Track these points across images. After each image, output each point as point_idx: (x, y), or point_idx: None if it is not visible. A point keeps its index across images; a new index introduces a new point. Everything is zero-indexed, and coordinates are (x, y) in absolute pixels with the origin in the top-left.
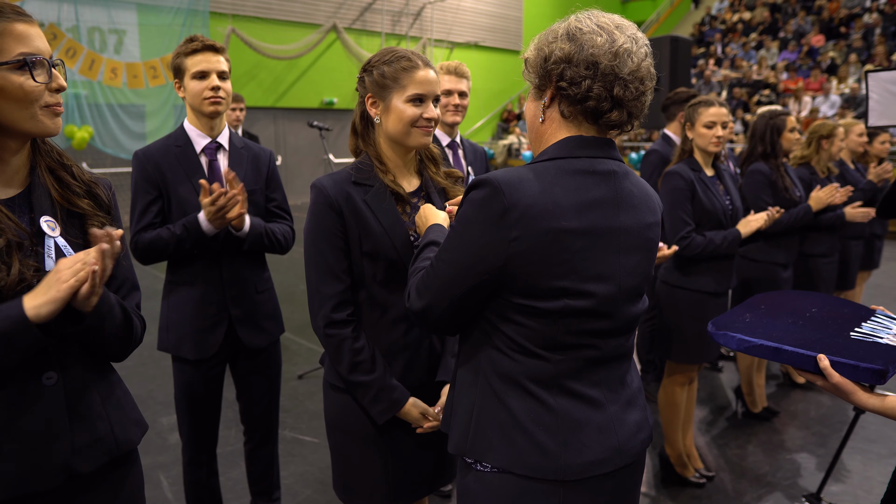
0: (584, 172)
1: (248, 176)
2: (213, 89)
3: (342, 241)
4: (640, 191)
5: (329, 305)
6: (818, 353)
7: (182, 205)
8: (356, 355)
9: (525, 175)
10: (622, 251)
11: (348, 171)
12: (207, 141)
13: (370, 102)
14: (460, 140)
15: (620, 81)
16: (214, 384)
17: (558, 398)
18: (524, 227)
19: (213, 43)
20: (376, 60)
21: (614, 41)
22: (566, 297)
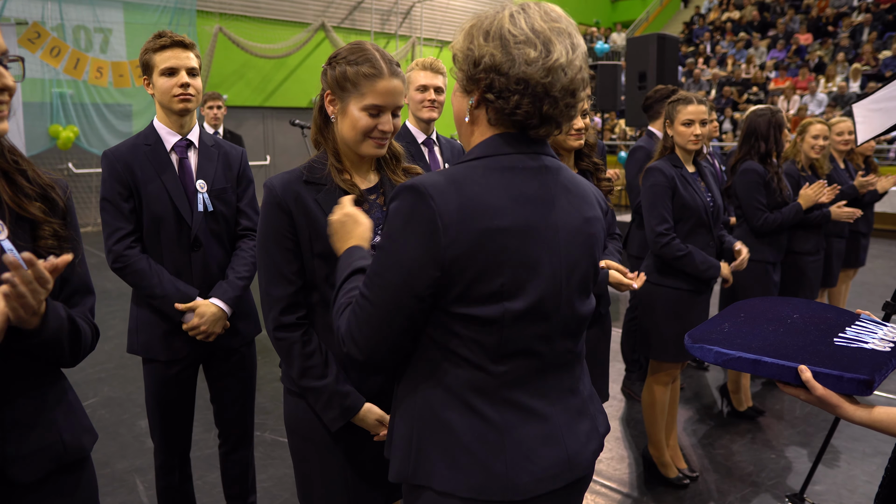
0: (513, 169)
1: (219, 174)
2: (182, 86)
3: (292, 242)
4: (575, 186)
5: (278, 308)
6: (799, 364)
7: (151, 203)
8: (306, 360)
9: (451, 176)
10: (561, 247)
11: (300, 170)
12: (177, 139)
13: (329, 99)
14: (437, 137)
15: (551, 99)
16: (186, 386)
17: (503, 412)
18: (456, 231)
19: (182, 39)
20: (342, 56)
21: (549, 54)
22: (504, 299)
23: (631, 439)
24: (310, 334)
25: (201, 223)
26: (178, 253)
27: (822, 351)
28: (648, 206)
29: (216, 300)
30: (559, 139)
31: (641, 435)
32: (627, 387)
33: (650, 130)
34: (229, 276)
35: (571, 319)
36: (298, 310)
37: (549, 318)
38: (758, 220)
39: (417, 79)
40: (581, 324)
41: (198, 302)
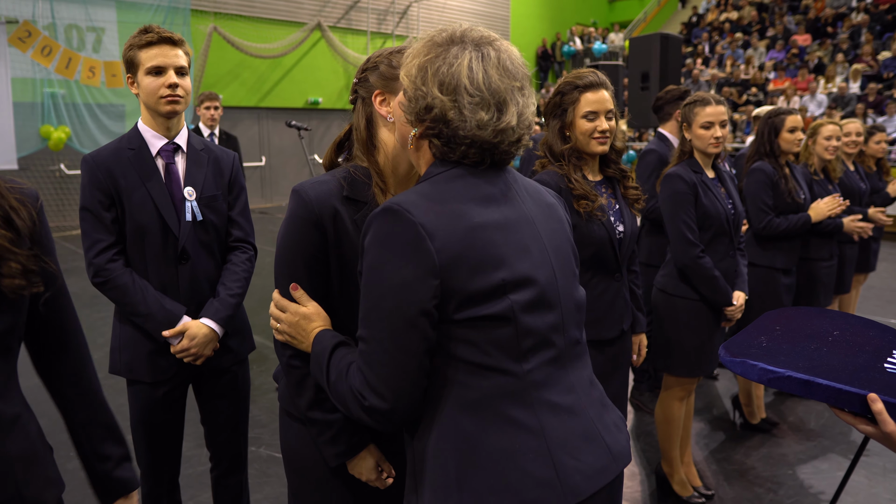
0: (472, 174)
1: (209, 180)
2: (170, 87)
3: (323, 264)
4: (525, 180)
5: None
6: (868, 391)
7: (134, 213)
8: (320, 391)
9: (418, 191)
10: (542, 235)
11: (339, 181)
12: (164, 142)
13: (379, 100)
14: None
15: (498, 148)
16: (174, 409)
17: (539, 414)
18: (442, 236)
19: (170, 35)
20: (378, 55)
21: (500, 118)
22: (508, 292)
23: (642, 454)
24: None
25: (189, 234)
26: (163, 266)
27: (878, 378)
28: (671, 215)
29: (207, 321)
30: (582, 143)
31: (652, 449)
32: (636, 398)
33: (661, 133)
34: (220, 293)
35: (572, 305)
36: None
37: (554, 306)
38: (760, 222)
39: None
40: (581, 310)
41: (187, 323)
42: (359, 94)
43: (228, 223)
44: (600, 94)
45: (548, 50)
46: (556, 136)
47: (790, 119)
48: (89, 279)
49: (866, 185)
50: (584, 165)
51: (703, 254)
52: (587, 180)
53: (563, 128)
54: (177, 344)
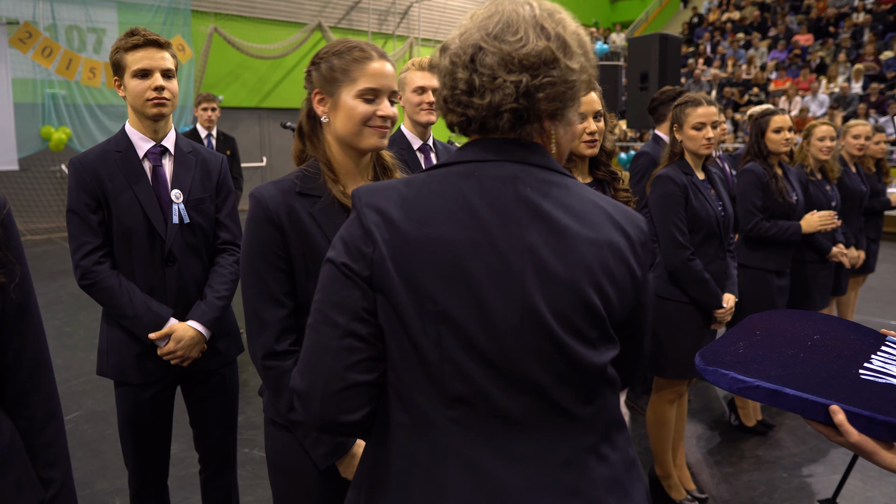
0: (469, 177)
1: (196, 183)
2: (156, 89)
3: (283, 260)
4: (570, 200)
5: (269, 334)
6: (829, 402)
7: (121, 215)
8: None
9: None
10: (522, 270)
11: (292, 180)
12: (151, 145)
13: (317, 99)
14: (433, 143)
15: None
16: (162, 411)
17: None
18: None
19: (156, 37)
20: (325, 52)
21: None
22: (439, 322)
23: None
24: None
25: (176, 236)
26: (150, 268)
27: (849, 385)
28: (661, 217)
29: (194, 323)
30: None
31: (647, 452)
32: (632, 400)
33: (656, 134)
34: (208, 295)
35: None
36: (290, 335)
37: (493, 357)
38: (748, 223)
39: (414, 80)
40: (579, 373)
41: (174, 326)
42: (306, 86)
43: (216, 226)
44: (588, 95)
45: None
46: None
47: (774, 119)
48: (77, 282)
49: (867, 188)
50: (573, 168)
51: (694, 256)
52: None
53: None
54: (163, 346)
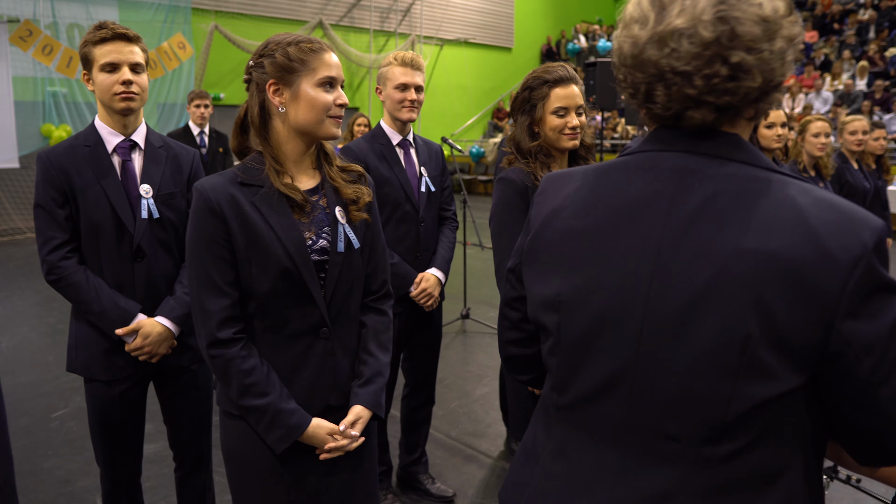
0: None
1: (167, 177)
2: (124, 83)
3: (226, 249)
4: (735, 201)
5: (213, 323)
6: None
7: (88, 210)
8: (246, 376)
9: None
10: (653, 283)
11: (233, 172)
12: (120, 139)
13: (273, 90)
14: (413, 138)
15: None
16: (132, 408)
17: (549, 447)
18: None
19: (125, 31)
20: (275, 43)
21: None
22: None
23: None
24: (249, 349)
25: (145, 231)
26: (118, 264)
27: None
28: None
29: (162, 319)
30: (551, 139)
31: None
32: None
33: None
34: (177, 291)
35: (671, 396)
36: (235, 323)
37: (621, 364)
38: None
39: (396, 76)
40: (693, 408)
41: (141, 322)
42: (252, 77)
43: (188, 221)
44: (570, 89)
45: (552, 48)
46: (525, 132)
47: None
48: (44, 277)
49: (870, 185)
50: (553, 162)
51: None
52: None
53: (532, 124)
54: (131, 342)
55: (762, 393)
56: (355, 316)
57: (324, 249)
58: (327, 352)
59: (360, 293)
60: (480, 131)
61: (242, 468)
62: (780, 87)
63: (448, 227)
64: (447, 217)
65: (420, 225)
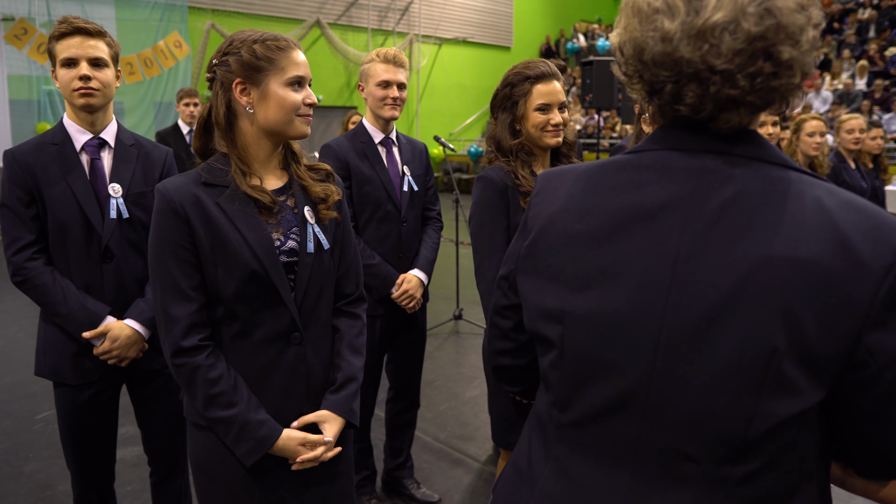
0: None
1: (137, 177)
2: (82, 79)
3: (190, 252)
4: (759, 205)
5: (176, 330)
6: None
7: (55, 209)
8: (211, 386)
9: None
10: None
11: (197, 172)
12: (88, 137)
13: (240, 89)
14: (396, 136)
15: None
16: (102, 413)
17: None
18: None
19: (86, 25)
20: (240, 41)
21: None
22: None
23: None
24: (215, 356)
25: (114, 231)
26: (87, 265)
27: None
28: None
29: (131, 321)
30: (533, 137)
31: None
32: None
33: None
34: (148, 293)
35: (687, 417)
36: (201, 330)
37: (628, 379)
38: None
39: (378, 73)
40: (709, 430)
41: (109, 324)
42: (217, 76)
43: None
44: (552, 85)
45: (552, 47)
46: (506, 130)
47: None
48: (10, 278)
49: (868, 184)
50: (535, 161)
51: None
52: (536, 176)
53: (514, 121)
54: (99, 346)
55: (785, 410)
56: (327, 320)
57: (292, 251)
58: (299, 357)
59: (331, 296)
60: (479, 130)
61: (212, 480)
62: (809, 77)
63: (432, 228)
64: (431, 217)
65: (402, 225)
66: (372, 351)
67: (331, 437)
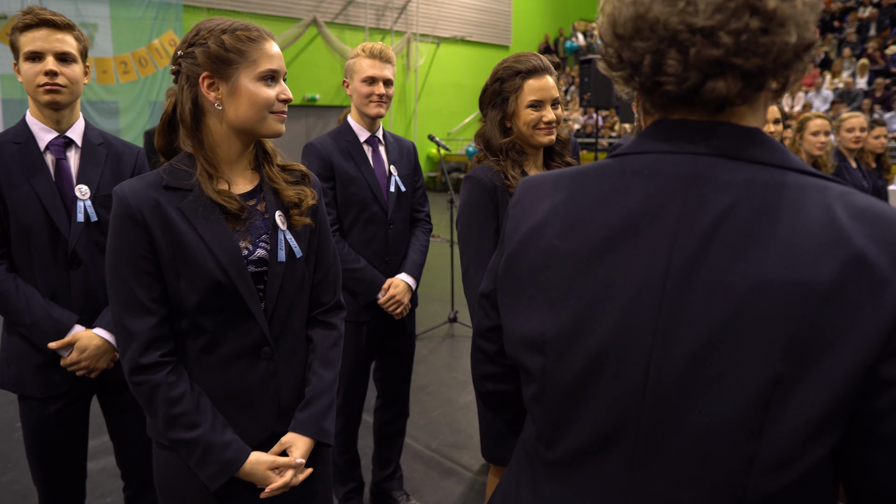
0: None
1: (106, 178)
2: (47, 74)
3: (150, 262)
4: (761, 219)
5: (135, 346)
6: None
7: (18, 212)
8: (173, 406)
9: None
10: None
11: (158, 174)
12: (53, 136)
13: (207, 84)
14: (383, 135)
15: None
16: (70, 426)
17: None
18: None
19: (53, 17)
20: (208, 30)
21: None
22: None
23: None
24: (178, 373)
25: (82, 236)
26: (52, 271)
27: None
28: None
29: (101, 331)
30: (525, 135)
31: None
32: None
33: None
34: None
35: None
36: (161, 345)
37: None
38: None
39: (363, 68)
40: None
41: (77, 334)
42: (182, 69)
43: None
44: (545, 80)
45: (550, 46)
46: (496, 127)
47: None
48: None
49: (868, 184)
50: (526, 160)
51: None
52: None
53: (504, 118)
54: (66, 356)
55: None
56: (301, 332)
57: (262, 259)
58: (270, 373)
59: (305, 307)
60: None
61: (178, 499)
62: (811, 48)
63: (420, 230)
64: (420, 219)
65: (389, 227)
66: (358, 358)
67: (300, 458)
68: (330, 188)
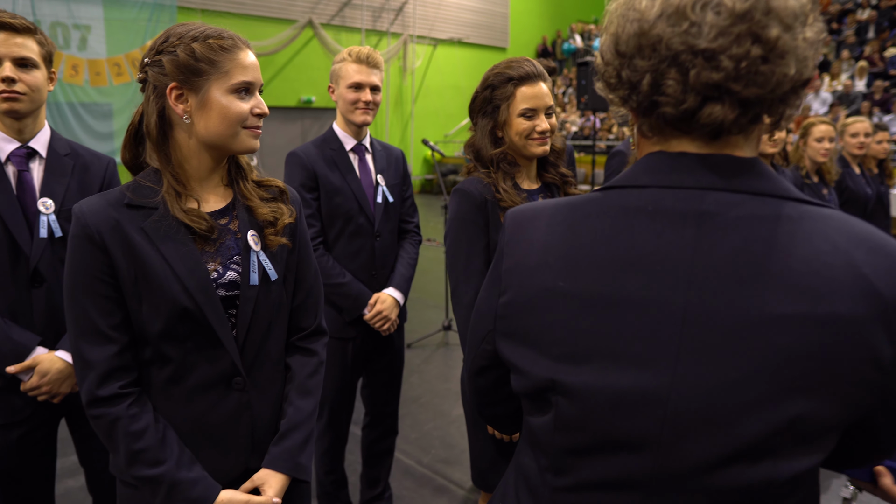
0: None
1: (72, 191)
2: (5, 81)
3: (109, 286)
4: (768, 252)
5: (92, 377)
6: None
7: None
8: (134, 441)
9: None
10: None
11: (121, 191)
12: (14, 146)
13: (175, 95)
14: (370, 143)
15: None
16: (36, 453)
17: None
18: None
19: (12, 20)
20: (177, 37)
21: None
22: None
23: None
24: (140, 405)
25: (45, 252)
26: (13, 290)
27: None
28: None
29: (64, 353)
30: (517, 145)
31: None
32: None
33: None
34: None
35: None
36: (122, 376)
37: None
38: None
39: (349, 74)
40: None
41: (38, 357)
42: (148, 78)
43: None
44: (538, 87)
45: (548, 48)
46: (487, 137)
47: None
48: None
49: (872, 190)
50: (518, 172)
51: None
52: (520, 189)
53: (495, 128)
54: (26, 381)
55: (804, 464)
56: (278, 360)
57: (233, 283)
58: (242, 405)
59: (282, 332)
60: None
61: None
62: (807, 85)
63: (409, 242)
64: (408, 230)
65: (376, 240)
66: (343, 376)
67: (276, 498)
68: (314, 199)
